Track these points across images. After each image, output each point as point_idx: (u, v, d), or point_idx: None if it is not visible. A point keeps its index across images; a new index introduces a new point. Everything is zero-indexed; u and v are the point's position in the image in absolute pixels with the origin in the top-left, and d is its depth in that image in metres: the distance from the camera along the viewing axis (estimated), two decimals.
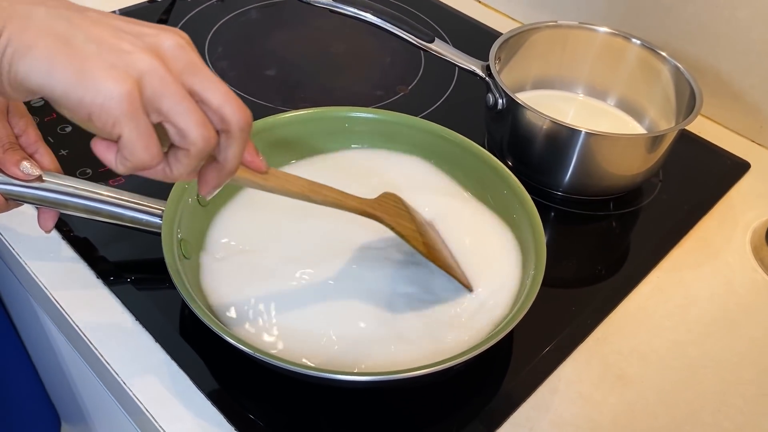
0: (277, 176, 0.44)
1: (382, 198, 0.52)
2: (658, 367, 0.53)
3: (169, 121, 0.35)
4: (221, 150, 0.38)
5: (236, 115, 0.36)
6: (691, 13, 0.75)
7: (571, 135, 0.60)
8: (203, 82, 0.36)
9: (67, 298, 0.53)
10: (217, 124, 0.37)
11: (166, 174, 0.38)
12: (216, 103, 0.36)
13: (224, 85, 0.37)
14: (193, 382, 0.48)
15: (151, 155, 0.35)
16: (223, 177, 0.39)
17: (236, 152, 0.38)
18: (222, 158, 0.38)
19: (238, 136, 0.37)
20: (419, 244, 0.50)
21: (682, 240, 0.63)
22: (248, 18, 0.88)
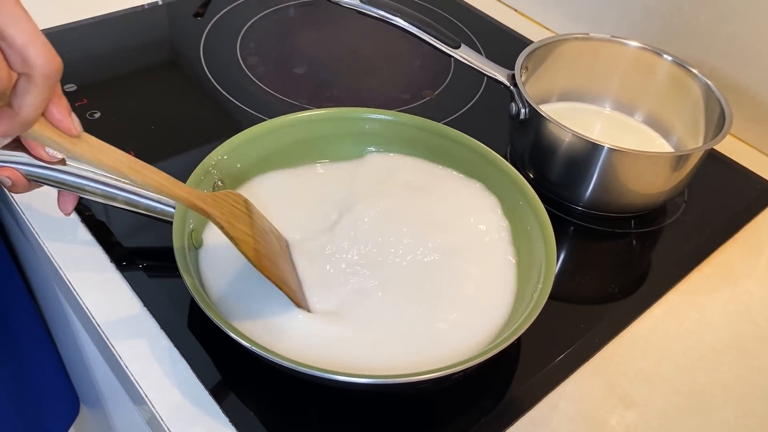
0: (90, 144, 0.40)
1: (220, 194, 0.48)
2: (664, 392, 0.52)
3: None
4: (17, 95, 0.34)
5: (41, 58, 0.34)
6: (731, 33, 0.74)
7: (593, 150, 0.59)
8: (6, 17, 0.33)
9: (79, 279, 0.54)
10: (17, 66, 0.34)
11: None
12: (19, 42, 0.33)
13: (34, 25, 0.34)
14: (193, 371, 0.49)
15: None
16: (15, 126, 0.35)
17: (34, 101, 0.34)
18: (16, 104, 0.35)
19: (39, 83, 0.34)
20: (249, 250, 0.46)
21: (702, 263, 0.62)
22: (283, 15, 0.89)
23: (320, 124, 0.60)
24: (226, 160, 0.57)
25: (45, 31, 0.79)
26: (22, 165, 0.51)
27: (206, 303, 0.45)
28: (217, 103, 0.73)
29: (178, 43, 0.83)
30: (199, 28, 0.84)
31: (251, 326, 0.48)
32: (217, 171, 0.56)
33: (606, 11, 0.84)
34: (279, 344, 0.47)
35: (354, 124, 0.61)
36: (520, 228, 0.55)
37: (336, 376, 0.43)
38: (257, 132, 0.58)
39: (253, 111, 0.72)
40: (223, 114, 0.72)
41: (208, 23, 0.85)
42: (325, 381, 0.44)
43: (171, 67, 0.79)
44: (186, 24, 0.85)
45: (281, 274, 0.49)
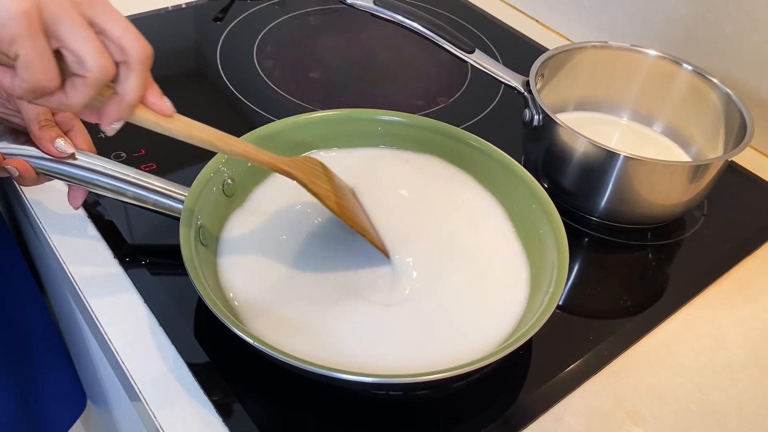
0: (183, 121, 0.44)
1: (301, 159, 0.52)
2: (675, 409, 0.50)
3: (67, 47, 0.36)
4: (120, 81, 0.39)
5: (135, 45, 0.38)
6: (755, 43, 0.72)
7: (609, 158, 0.57)
8: (103, 14, 0.37)
9: (82, 274, 0.54)
10: (116, 56, 0.38)
11: (62, 102, 0.38)
12: (116, 34, 0.38)
13: (125, 19, 0.38)
14: (190, 370, 0.48)
15: (48, 77, 0.36)
16: (124, 110, 0.40)
17: (135, 84, 0.39)
18: (121, 90, 0.39)
19: (137, 68, 0.39)
20: (332, 203, 0.50)
21: (719, 279, 0.60)
22: (302, 21, 0.89)
23: (332, 125, 0.60)
24: (237, 159, 0.56)
25: None
26: (33, 158, 0.51)
27: (213, 302, 0.44)
28: (231, 104, 0.73)
29: (195, 46, 0.83)
30: (217, 32, 0.84)
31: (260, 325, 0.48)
32: (227, 169, 0.56)
33: (628, 22, 0.83)
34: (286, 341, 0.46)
35: (367, 125, 0.60)
36: (532, 233, 0.54)
37: (341, 375, 0.42)
38: (267, 131, 0.58)
39: (266, 113, 0.72)
40: (236, 116, 0.72)
41: (227, 27, 0.85)
42: (328, 380, 0.44)
43: (187, 68, 0.79)
44: (205, 27, 0.85)
45: (362, 223, 0.52)
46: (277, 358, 0.42)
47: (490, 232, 0.56)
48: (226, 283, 0.51)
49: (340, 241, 0.55)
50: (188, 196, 0.52)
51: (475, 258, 0.54)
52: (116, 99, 0.40)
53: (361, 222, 0.52)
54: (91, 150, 0.54)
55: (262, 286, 0.51)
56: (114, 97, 0.40)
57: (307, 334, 0.48)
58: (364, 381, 0.43)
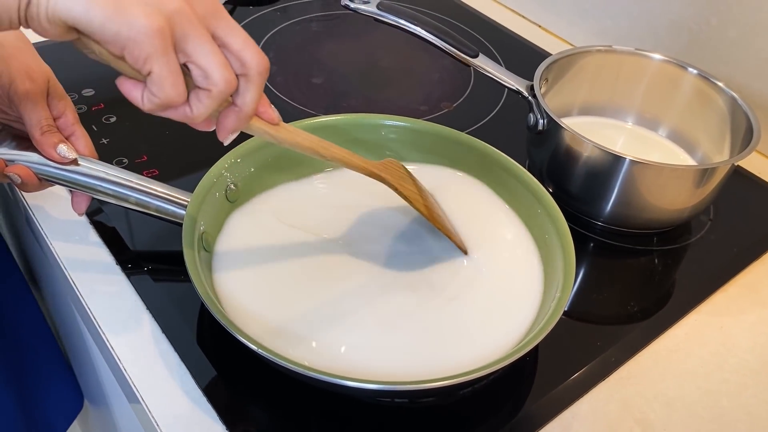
0: (289, 129, 0.45)
1: (386, 162, 0.52)
2: (684, 415, 0.49)
3: (194, 62, 0.37)
4: (240, 93, 0.39)
5: (255, 59, 0.38)
6: (760, 48, 0.71)
7: (614, 162, 0.57)
8: (225, 27, 0.38)
9: (84, 280, 0.54)
10: (236, 68, 0.38)
11: (187, 114, 0.39)
12: (237, 47, 0.38)
13: (244, 31, 0.39)
14: (192, 377, 0.47)
15: (178, 92, 0.37)
16: (242, 121, 0.40)
17: (254, 96, 0.39)
18: (240, 102, 0.40)
19: (256, 80, 0.39)
20: (421, 206, 0.51)
21: (726, 284, 0.59)
22: (304, 27, 0.89)
23: (336, 130, 0.60)
24: (240, 164, 0.56)
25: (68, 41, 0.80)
26: (35, 164, 0.51)
27: (215, 306, 0.44)
28: None
29: None
30: None
31: (261, 330, 0.47)
32: (230, 174, 0.55)
33: (632, 26, 0.83)
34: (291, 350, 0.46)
35: (371, 130, 0.60)
36: (539, 237, 0.53)
37: (346, 382, 0.41)
38: None
39: None
40: None
41: None
42: (332, 387, 0.43)
43: None
44: None
45: (445, 224, 0.54)
46: (282, 365, 0.41)
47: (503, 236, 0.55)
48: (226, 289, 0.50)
49: (345, 245, 0.54)
50: (191, 201, 0.52)
51: (487, 263, 0.53)
52: (235, 111, 0.40)
53: (444, 222, 0.53)
54: (93, 155, 0.53)
55: (263, 291, 0.50)
56: (233, 109, 0.40)
57: (310, 340, 0.47)
58: (368, 388, 0.42)
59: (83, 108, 0.69)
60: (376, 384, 0.42)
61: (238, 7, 0.90)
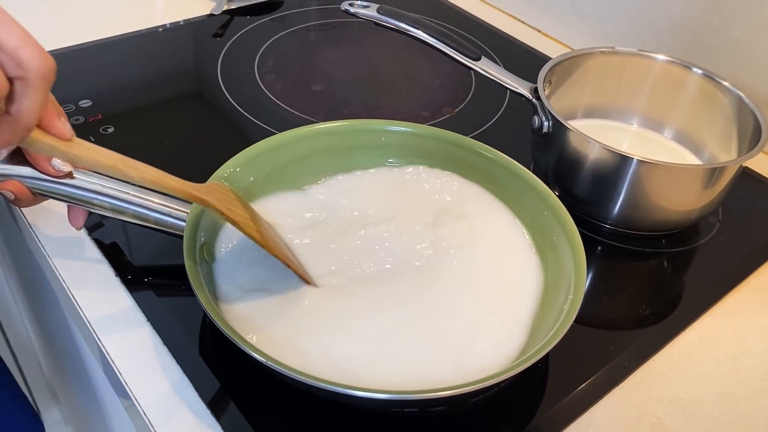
0: (84, 146, 0.40)
1: (212, 185, 0.49)
2: (702, 420, 0.48)
3: None
4: (15, 100, 0.33)
5: (36, 59, 0.32)
6: (764, 47, 0.71)
7: (622, 162, 0.56)
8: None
9: (83, 295, 0.52)
10: (10, 70, 0.32)
11: None
12: (11, 44, 0.32)
13: (21, 26, 0.33)
14: (195, 390, 0.46)
15: None
16: (17, 133, 0.34)
17: (33, 104, 0.33)
18: (15, 110, 0.33)
19: (36, 85, 0.33)
20: (252, 231, 0.47)
21: (739, 285, 0.58)
22: (302, 36, 0.88)
23: (336, 137, 0.59)
24: (239, 173, 0.55)
25: (65, 49, 0.79)
26: (28, 179, 0.49)
27: (218, 316, 0.43)
28: (232, 119, 0.72)
29: (195, 62, 0.82)
30: (217, 48, 0.83)
31: (266, 341, 0.46)
32: (230, 184, 0.54)
33: (633, 28, 0.82)
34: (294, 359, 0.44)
35: (372, 136, 0.59)
36: (546, 240, 0.52)
37: (355, 392, 0.40)
38: (270, 145, 0.57)
39: (269, 127, 0.70)
40: (238, 130, 0.71)
41: (227, 43, 0.84)
42: (340, 397, 0.42)
43: (187, 84, 0.78)
44: (205, 43, 0.84)
45: (285, 253, 0.49)
46: (289, 376, 0.40)
47: (502, 241, 0.54)
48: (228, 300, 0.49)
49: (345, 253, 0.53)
50: (191, 212, 0.51)
51: (487, 268, 0.52)
52: (8, 121, 0.34)
53: (283, 252, 0.49)
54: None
55: (263, 301, 0.49)
56: (5, 119, 0.34)
57: (314, 350, 0.46)
58: (378, 398, 0.41)
59: (80, 119, 0.68)
60: (386, 394, 0.41)
61: (236, 17, 0.90)
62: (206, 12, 0.89)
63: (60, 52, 0.79)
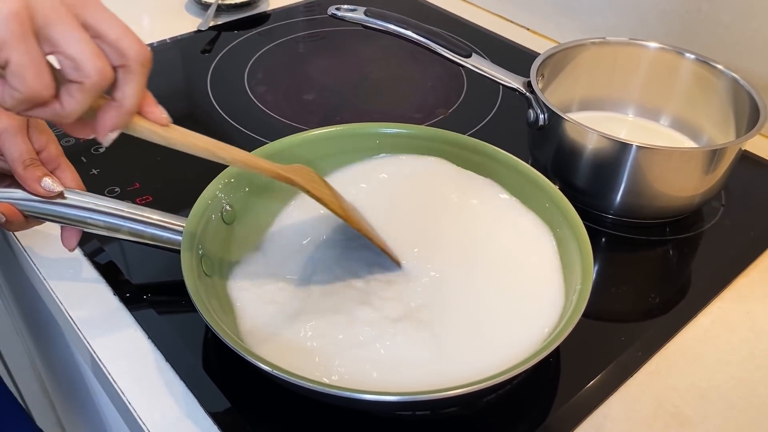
0: (179, 130, 0.42)
1: (295, 167, 0.50)
2: (721, 407, 0.47)
3: (61, 51, 0.34)
4: (119, 86, 0.37)
5: (134, 47, 0.36)
6: (755, 29, 0.70)
7: (621, 150, 0.55)
8: (98, 15, 0.35)
9: (82, 316, 0.51)
10: (114, 60, 0.36)
11: (57, 111, 0.35)
12: (113, 36, 0.35)
13: (121, 20, 0.36)
14: (200, 404, 0.45)
15: (43, 83, 0.34)
16: (122, 117, 0.37)
17: (135, 89, 0.37)
18: (120, 95, 0.37)
19: (136, 71, 0.36)
20: (337, 207, 0.48)
21: (747, 269, 0.57)
22: (290, 47, 0.88)
23: (330, 142, 0.58)
24: (234, 184, 0.54)
25: None
26: (19, 201, 0.49)
27: (221, 328, 0.42)
28: (225, 132, 0.71)
29: (185, 78, 0.82)
30: (206, 63, 0.83)
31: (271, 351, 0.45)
32: (225, 195, 0.54)
33: (622, 19, 0.82)
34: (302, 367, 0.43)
35: (366, 139, 0.58)
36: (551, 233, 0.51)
37: (364, 396, 0.39)
38: (263, 154, 0.56)
39: (263, 138, 0.70)
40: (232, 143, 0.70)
41: (215, 58, 0.84)
42: (349, 402, 0.41)
43: (178, 100, 0.78)
44: (193, 59, 0.84)
45: (368, 229, 0.50)
46: (296, 383, 0.39)
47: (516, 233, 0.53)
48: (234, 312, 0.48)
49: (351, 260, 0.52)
50: (187, 224, 0.50)
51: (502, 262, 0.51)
52: (114, 106, 0.37)
53: (366, 227, 0.50)
54: (81, 187, 0.51)
55: (268, 310, 0.48)
56: (111, 104, 0.37)
57: (321, 356, 0.45)
58: (388, 401, 0.40)
59: (71, 140, 0.67)
60: (396, 396, 0.40)
61: (223, 32, 0.89)
62: (193, 29, 0.89)
63: None
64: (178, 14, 0.93)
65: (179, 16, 0.92)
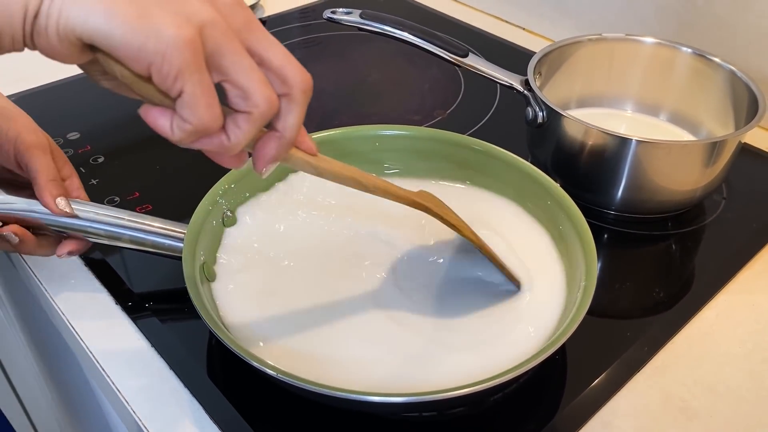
0: (327, 160, 0.40)
1: (424, 193, 0.49)
2: (730, 400, 0.46)
3: (230, 80, 0.32)
4: (281, 116, 0.34)
5: (298, 76, 0.34)
6: (751, 22, 0.70)
7: (621, 145, 0.55)
8: (263, 41, 0.33)
9: (86, 328, 0.51)
10: (278, 88, 0.34)
11: (223, 143, 0.33)
12: (277, 63, 0.33)
13: (283, 47, 0.34)
14: (205, 412, 0.45)
15: (214, 115, 0.32)
16: (283, 147, 0.35)
17: (297, 119, 0.35)
18: (282, 126, 0.35)
19: (300, 100, 0.34)
20: (470, 233, 0.48)
21: (751, 261, 0.57)
22: None
23: (328, 146, 0.57)
24: (234, 189, 0.54)
25: (48, 85, 0.78)
26: (21, 211, 0.49)
27: (224, 334, 0.41)
28: None
29: None
30: None
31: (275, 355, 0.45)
32: (226, 201, 0.53)
33: (618, 18, 0.82)
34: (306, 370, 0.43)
35: (366, 142, 0.58)
36: (553, 232, 0.51)
37: (371, 398, 0.39)
38: None
39: None
40: None
41: None
42: (355, 405, 0.40)
43: None
44: None
45: (496, 256, 0.49)
46: (303, 388, 0.39)
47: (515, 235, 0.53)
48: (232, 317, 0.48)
49: (344, 259, 0.52)
50: (188, 231, 0.49)
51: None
52: (275, 137, 0.35)
53: (493, 253, 0.49)
54: (83, 196, 0.51)
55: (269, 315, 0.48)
56: (272, 135, 0.35)
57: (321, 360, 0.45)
58: (394, 402, 0.40)
59: (70, 151, 0.67)
60: (403, 397, 0.39)
61: None
62: None
63: (47, 87, 0.78)
64: None
65: None
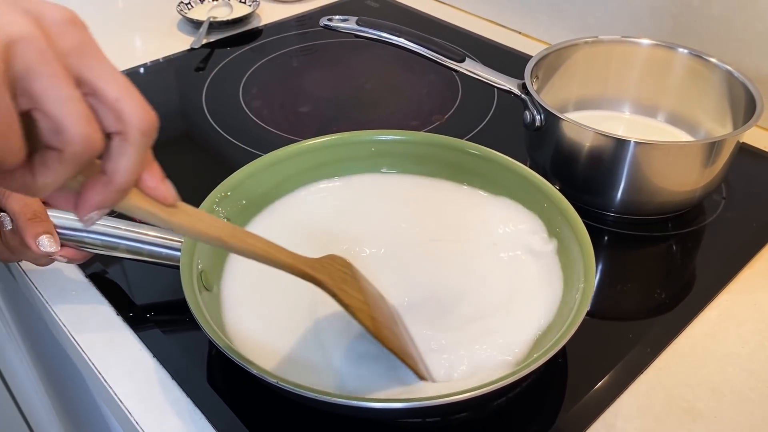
0: (188, 213, 0.34)
1: (326, 259, 0.43)
2: (734, 400, 0.46)
3: (42, 108, 0.26)
4: (111, 157, 0.29)
5: (137, 113, 0.29)
6: (746, 21, 0.70)
7: (619, 147, 0.55)
8: (96, 69, 0.28)
9: (88, 339, 0.51)
10: (109, 125, 0.29)
11: (26, 184, 0.28)
12: (112, 96, 0.28)
13: (125, 77, 0.29)
14: (208, 421, 0.45)
15: (8, 146, 0.26)
16: (110, 196, 0.30)
17: (131, 163, 0.29)
18: (111, 169, 0.29)
19: (136, 142, 0.29)
20: (366, 317, 0.41)
21: (752, 260, 0.57)
22: (284, 61, 0.88)
23: (326, 151, 0.58)
24: (231, 197, 0.54)
25: None
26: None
27: (223, 342, 0.41)
28: (223, 148, 0.71)
29: (180, 97, 0.82)
30: (200, 80, 0.83)
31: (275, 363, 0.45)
32: (222, 208, 0.53)
33: (613, 19, 0.82)
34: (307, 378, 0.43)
35: (362, 147, 0.58)
36: (551, 233, 0.51)
37: (373, 404, 0.39)
38: (258, 166, 0.56)
39: (260, 152, 0.69)
40: (230, 158, 0.70)
41: (209, 75, 0.84)
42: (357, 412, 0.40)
43: (173, 119, 0.78)
44: (187, 77, 0.84)
45: (400, 344, 0.43)
46: (304, 395, 0.39)
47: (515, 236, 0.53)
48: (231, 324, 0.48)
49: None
50: (185, 240, 0.49)
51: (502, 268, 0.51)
52: (102, 181, 0.29)
53: (398, 342, 0.43)
54: (77, 257, 0.52)
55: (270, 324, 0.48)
56: (99, 179, 0.29)
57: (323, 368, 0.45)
58: (396, 408, 0.39)
59: None
60: (404, 403, 0.39)
61: (216, 49, 0.89)
62: (186, 47, 0.89)
63: None
64: (170, 33, 0.93)
65: (171, 35, 0.92)
